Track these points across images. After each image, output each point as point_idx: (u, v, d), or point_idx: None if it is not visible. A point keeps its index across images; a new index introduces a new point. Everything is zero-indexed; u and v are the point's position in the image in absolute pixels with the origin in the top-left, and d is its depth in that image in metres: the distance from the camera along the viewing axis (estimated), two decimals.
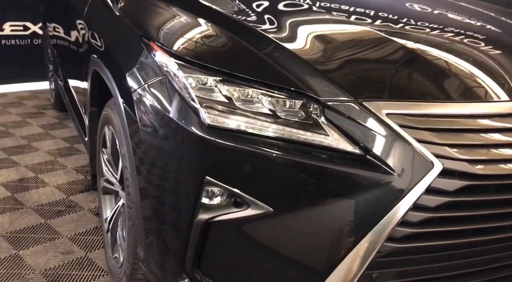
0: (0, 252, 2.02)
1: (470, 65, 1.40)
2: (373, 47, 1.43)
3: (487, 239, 1.26)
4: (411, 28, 1.65)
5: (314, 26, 1.57)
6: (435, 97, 1.24)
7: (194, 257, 1.29)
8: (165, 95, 1.30)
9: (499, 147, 1.21)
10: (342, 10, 1.73)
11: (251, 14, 1.53)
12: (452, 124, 1.20)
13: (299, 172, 1.17)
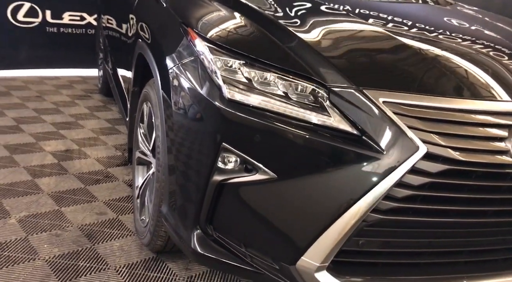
0: (46, 207, 2.30)
1: (463, 65, 1.58)
2: (377, 43, 1.62)
3: (468, 221, 1.41)
4: (415, 29, 1.83)
5: (328, 23, 1.78)
6: (428, 91, 1.41)
7: (208, 213, 1.51)
8: (195, 73, 1.53)
9: (482, 139, 1.37)
10: (354, 10, 1.92)
11: (277, 9, 1.74)
12: (440, 116, 1.36)
13: (302, 145, 1.37)
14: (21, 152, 2.91)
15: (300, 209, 1.39)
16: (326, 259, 1.37)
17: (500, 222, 1.43)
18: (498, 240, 1.48)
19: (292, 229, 1.41)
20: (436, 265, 1.49)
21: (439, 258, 1.49)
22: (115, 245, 2.07)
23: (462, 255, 1.50)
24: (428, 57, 1.59)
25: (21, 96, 4.05)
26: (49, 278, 1.81)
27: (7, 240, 2.01)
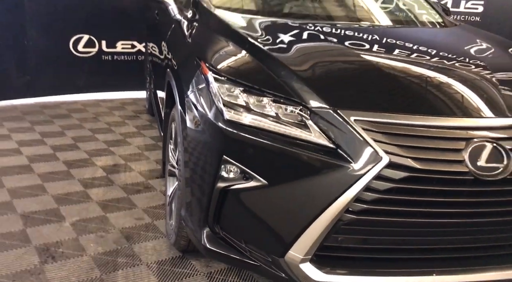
0: (94, 213, 2.70)
1: (430, 85, 1.81)
2: (354, 69, 1.89)
3: (433, 222, 1.62)
4: (397, 53, 2.08)
5: (313, 52, 2.04)
6: (393, 109, 1.65)
7: (214, 215, 1.81)
8: (204, 98, 1.85)
9: (441, 150, 1.59)
10: (340, 40, 2.18)
11: (273, 42, 2.04)
12: (403, 131, 1.59)
13: (288, 157, 1.64)
14: (76, 166, 3.37)
15: (286, 210, 1.66)
16: (308, 252, 1.63)
17: (463, 223, 1.62)
18: (465, 239, 1.68)
19: (281, 227, 1.68)
20: (410, 260, 1.70)
21: (411, 254, 1.70)
22: (148, 245, 2.42)
23: (432, 252, 1.70)
24: (397, 79, 1.84)
25: (79, 118, 4.58)
26: (93, 271, 2.18)
27: (62, 239, 2.42)
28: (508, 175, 1.58)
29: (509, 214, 1.63)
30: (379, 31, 2.47)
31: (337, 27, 2.39)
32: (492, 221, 1.64)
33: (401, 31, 2.59)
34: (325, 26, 2.36)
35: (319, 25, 2.35)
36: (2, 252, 2.28)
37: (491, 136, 1.61)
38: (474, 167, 1.57)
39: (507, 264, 1.70)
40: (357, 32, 2.34)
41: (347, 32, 2.30)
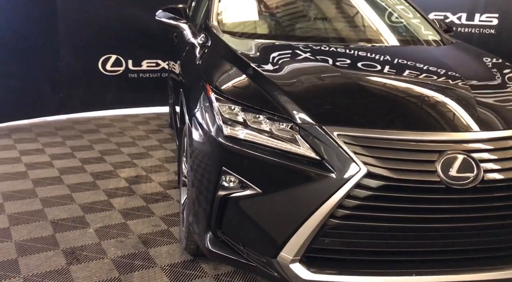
0: (115, 220, 2.96)
1: (408, 102, 1.98)
2: (339, 88, 2.08)
3: (411, 226, 1.78)
4: (386, 72, 2.26)
5: (305, 74, 2.24)
6: (372, 125, 1.83)
7: (216, 220, 2.02)
8: (207, 116, 2.08)
9: (416, 162, 1.75)
10: (331, 61, 2.36)
11: (271, 66, 2.25)
12: (381, 144, 1.77)
13: (279, 168, 1.84)
14: (102, 178, 3.65)
15: (278, 215, 1.86)
16: (297, 253, 1.81)
17: (437, 228, 1.78)
18: (440, 243, 1.82)
19: (273, 230, 1.87)
20: (391, 261, 1.86)
21: (393, 256, 1.86)
22: (163, 250, 2.65)
23: (411, 254, 1.86)
24: (377, 96, 2.03)
25: (107, 132, 4.90)
26: (112, 272, 2.42)
27: (86, 244, 2.67)
28: (478, 184, 1.73)
29: (480, 220, 1.78)
30: (372, 51, 2.64)
31: (332, 49, 2.59)
32: (464, 226, 1.78)
33: (394, 51, 2.75)
34: (321, 47, 2.57)
35: (316, 47, 2.56)
36: (34, 254, 2.54)
37: (463, 149, 1.77)
38: (446, 177, 1.73)
39: (478, 267, 1.84)
40: (350, 53, 2.53)
41: (340, 53, 2.49)
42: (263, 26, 3.03)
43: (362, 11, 3.22)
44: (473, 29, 5.61)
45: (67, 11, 5.11)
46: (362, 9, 3.22)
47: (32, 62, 4.96)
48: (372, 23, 3.16)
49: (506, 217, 1.79)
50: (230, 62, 2.32)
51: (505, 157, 1.81)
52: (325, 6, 3.30)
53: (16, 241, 2.67)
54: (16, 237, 2.71)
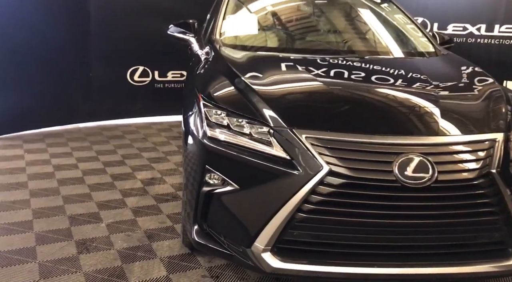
0: (126, 217, 3.23)
1: (373, 108, 2.15)
2: (310, 97, 2.26)
3: (368, 221, 1.93)
4: (347, 83, 2.44)
5: (283, 84, 2.43)
6: (336, 129, 2.00)
7: (201, 214, 2.24)
8: (196, 119, 2.31)
9: (374, 162, 1.92)
10: (311, 71, 2.55)
11: (254, 76, 2.46)
12: (343, 146, 1.94)
13: (254, 166, 2.04)
14: (120, 179, 3.95)
15: (253, 209, 2.06)
16: (269, 243, 2.00)
17: (394, 223, 1.92)
18: (398, 237, 1.97)
19: (249, 222, 2.07)
20: (355, 254, 2.02)
21: (356, 249, 2.01)
22: (165, 244, 2.89)
23: (374, 248, 2.01)
24: (343, 103, 2.22)
25: (131, 138, 5.24)
26: (116, 261, 2.68)
27: (97, 236, 2.95)
28: (432, 183, 1.88)
29: (434, 217, 1.91)
30: (355, 62, 2.81)
31: (316, 60, 2.78)
32: (419, 223, 1.92)
33: (377, 61, 2.90)
34: (305, 59, 2.77)
35: (300, 58, 2.77)
36: (50, 243, 2.84)
37: (420, 152, 1.92)
38: (402, 176, 1.88)
39: (435, 262, 1.97)
40: (332, 64, 2.71)
41: (322, 64, 2.68)
42: (258, 40, 3.25)
43: (356, 24, 3.39)
44: (492, 40, 5.63)
45: (98, 25, 5.52)
46: (356, 22, 3.39)
47: (65, 73, 5.38)
48: (363, 36, 3.33)
49: (457, 215, 1.91)
50: (222, 72, 2.56)
51: (459, 159, 1.94)
52: (317, 20, 3.49)
53: (36, 231, 2.98)
54: (36, 228, 3.03)
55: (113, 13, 5.61)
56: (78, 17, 5.41)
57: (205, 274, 2.58)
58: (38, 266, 2.59)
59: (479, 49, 5.70)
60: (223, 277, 2.56)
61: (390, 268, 1.97)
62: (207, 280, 2.53)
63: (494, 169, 1.94)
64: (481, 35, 5.67)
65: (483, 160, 1.95)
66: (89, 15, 5.45)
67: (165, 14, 5.61)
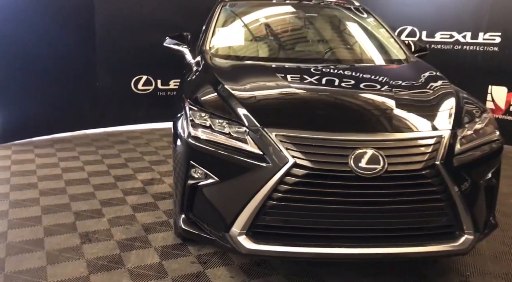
0: (126, 213, 3.54)
1: (336, 108, 2.45)
2: (281, 100, 2.57)
3: (331, 207, 2.21)
4: (316, 87, 2.74)
5: (259, 89, 2.74)
6: (300, 127, 2.29)
7: (187, 204, 2.54)
8: (182, 121, 2.61)
9: (333, 156, 2.20)
10: (286, 78, 2.85)
11: (235, 83, 2.76)
12: (307, 142, 2.23)
13: (232, 161, 2.34)
14: (122, 180, 4.27)
15: (230, 198, 2.35)
16: (244, 228, 2.29)
17: (351, 209, 2.20)
18: (356, 221, 2.24)
19: (227, 210, 2.36)
20: (322, 237, 2.29)
21: (321, 232, 2.29)
22: (159, 235, 3.19)
23: (338, 231, 2.28)
24: (309, 105, 2.52)
25: (135, 143, 5.57)
26: (115, 250, 2.98)
27: (98, 229, 3.26)
28: (383, 173, 2.16)
29: (387, 203, 2.19)
30: (329, 69, 3.10)
31: (291, 68, 3.09)
32: (374, 208, 2.20)
33: (349, 69, 3.18)
34: (283, 67, 3.08)
35: (278, 66, 3.08)
36: (56, 235, 3.15)
37: (373, 146, 2.20)
38: (357, 167, 2.16)
39: (389, 243, 2.24)
40: (306, 71, 3.01)
41: (296, 71, 2.98)
42: (243, 50, 3.57)
43: (334, 35, 3.69)
44: (477, 47, 5.89)
45: (104, 38, 5.89)
46: (334, 34, 3.69)
47: (73, 82, 5.75)
48: (340, 46, 3.63)
49: (407, 201, 2.19)
50: (207, 80, 2.87)
51: (407, 153, 2.23)
52: (296, 32, 3.80)
53: (44, 225, 3.30)
54: (45, 222, 3.34)
55: (118, 26, 5.97)
56: (85, 30, 5.78)
57: (194, 261, 2.87)
58: (45, 254, 2.91)
59: (465, 56, 5.96)
60: (210, 263, 2.85)
61: (350, 248, 2.24)
62: (195, 265, 2.82)
63: (438, 161, 2.21)
64: (466, 43, 5.93)
65: (429, 153, 2.23)
66: (95, 28, 5.81)
67: (166, 27, 5.94)
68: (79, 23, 5.73)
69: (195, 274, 2.73)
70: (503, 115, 5.82)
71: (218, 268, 2.80)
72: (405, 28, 6.38)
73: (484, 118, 2.56)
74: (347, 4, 4.11)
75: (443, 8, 6.05)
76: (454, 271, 2.82)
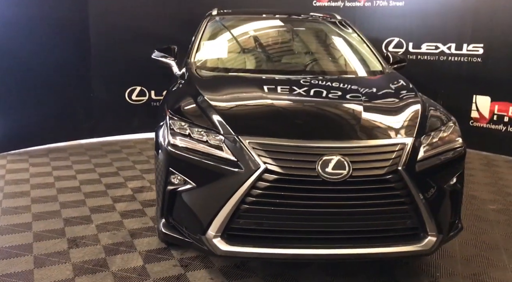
0: (114, 219, 3.66)
1: (306, 117, 2.59)
2: (255, 110, 2.71)
3: (301, 210, 2.33)
4: (290, 98, 2.89)
5: (235, 99, 2.89)
6: (271, 135, 2.43)
7: (167, 209, 2.66)
8: (163, 130, 2.75)
9: (302, 162, 2.33)
10: (262, 89, 3.00)
11: (213, 93, 2.90)
12: (276, 148, 2.37)
13: (208, 168, 2.47)
14: (113, 187, 4.40)
15: (206, 203, 2.48)
16: (219, 230, 2.41)
17: (319, 212, 2.33)
18: (323, 224, 2.37)
19: (203, 214, 2.48)
20: (295, 239, 2.41)
21: (294, 234, 2.42)
22: (145, 240, 3.31)
23: (306, 233, 2.41)
24: (280, 115, 2.67)
25: (127, 152, 5.70)
26: (101, 254, 3.10)
27: (86, 235, 3.38)
28: (348, 178, 2.29)
29: (353, 207, 2.32)
30: (302, 81, 3.24)
31: (268, 80, 3.23)
32: (341, 211, 2.32)
33: (322, 80, 3.31)
34: (261, 78, 3.23)
35: (255, 78, 3.23)
36: (45, 240, 3.28)
37: (339, 153, 2.33)
38: (323, 172, 2.29)
39: (360, 244, 2.37)
40: (282, 82, 3.15)
41: (272, 83, 3.13)
42: (225, 63, 3.73)
43: (313, 48, 3.85)
44: (462, 58, 6.05)
45: (98, 50, 6.06)
46: (313, 47, 3.85)
47: (68, 93, 5.90)
48: (318, 58, 3.78)
49: (372, 205, 2.32)
50: (188, 91, 3.02)
51: (371, 159, 2.36)
52: (277, 45, 3.96)
53: (34, 231, 3.42)
54: (35, 228, 3.47)
55: (112, 39, 6.14)
56: (80, 43, 5.95)
57: (176, 264, 2.99)
58: (33, 258, 3.03)
59: (451, 67, 6.12)
60: (191, 266, 2.97)
61: (320, 249, 2.37)
62: (177, 268, 2.94)
63: (401, 167, 2.34)
64: (451, 54, 6.09)
65: (392, 159, 2.36)
66: (90, 41, 5.99)
67: (160, 39, 6.10)
68: (75, 36, 5.90)
69: (176, 276, 2.85)
70: (487, 124, 5.95)
71: (199, 270, 2.92)
72: (392, 40, 6.55)
73: (449, 127, 2.70)
74: (329, 18, 4.28)
75: (429, 20, 6.21)
76: (424, 272, 2.94)
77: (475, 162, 5.62)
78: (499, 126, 5.85)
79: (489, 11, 5.76)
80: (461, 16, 5.97)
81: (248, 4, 6.40)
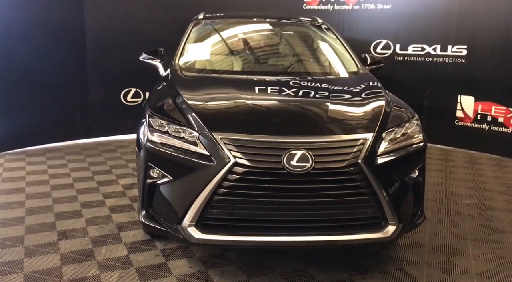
0: (103, 213, 3.84)
1: (272, 115, 2.77)
2: (230, 108, 2.88)
3: (268, 201, 2.50)
4: (263, 97, 3.07)
5: (211, 99, 3.06)
6: (241, 131, 2.60)
7: (147, 201, 2.84)
8: (144, 128, 2.93)
9: (270, 156, 2.50)
10: (238, 88, 3.18)
11: (191, 93, 3.08)
12: (247, 144, 2.54)
13: (183, 162, 2.65)
14: (105, 184, 4.59)
15: (182, 194, 2.65)
16: (193, 220, 2.58)
17: (285, 202, 2.50)
18: (290, 213, 2.54)
19: (179, 205, 2.66)
20: (264, 227, 2.58)
21: (263, 223, 2.59)
22: (131, 233, 3.49)
23: (275, 221, 2.58)
24: (251, 112, 2.85)
25: (122, 152, 5.89)
26: (88, 245, 3.28)
27: (76, 228, 3.56)
28: (311, 170, 2.46)
29: (316, 197, 2.49)
30: (276, 81, 3.42)
31: (245, 80, 3.41)
32: (305, 201, 2.50)
33: (295, 80, 3.47)
34: (237, 78, 3.41)
35: (233, 78, 3.41)
36: (36, 233, 3.46)
37: (303, 147, 2.51)
38: (289, 165, 2.46)
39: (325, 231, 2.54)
40: (258, 82, 3.33)
41: (248, 83, 3.30)
42: (207, 64, 3.91)
43: (292, 50, 4.02)
44: (447, 59, 6.21)
45: (94, 53, 6.26)
46: (293, 49, 4.02)
47: (65, 95, 6.11)
48: (298, 60, 3.96)
49: (334, 195, 2.49)
50: (168, 91, 3.21)
51: (333, 153, 2.53)
52: (259, 47, 4.14)
53: (26, 224, 3.61)
54: (27, 222, 3.66)
55: (108, 42, 6.35)
56: (77, 46, 6.16)
57: (158, 254, 3.17)
58: (24, 248, 3.21)
59: (436, 67, 6.28)
60: (173, 256, 3.15)
61: (287, 236, 2.54)
62: (159, 258, 3.12)
63: (361, 160, 2.51)
64: (437, 55, 6.25)
65: (353, 153, 2.53)
66: (86, 44, 6.19)
67: (154, 42, 6.25)
68: (71, 39, 6.11)
69: (157, 264, 3.03)
70: (472, 123, 6.10)
71: (179, 260, 3.09)
72: (380, 42, 6.71)
73: (412, 123, 2.86)
74: (310, 21, 4.45)
75: (415, 22, 6.38)
76: (392, 260, 3.10)
77: (459, 160, 5.77)
78: (483, 125, 6.00)
79: (472, 14, 5.92)
80: (445, 18, 6.13)
81: (246, 9, 6.62)
